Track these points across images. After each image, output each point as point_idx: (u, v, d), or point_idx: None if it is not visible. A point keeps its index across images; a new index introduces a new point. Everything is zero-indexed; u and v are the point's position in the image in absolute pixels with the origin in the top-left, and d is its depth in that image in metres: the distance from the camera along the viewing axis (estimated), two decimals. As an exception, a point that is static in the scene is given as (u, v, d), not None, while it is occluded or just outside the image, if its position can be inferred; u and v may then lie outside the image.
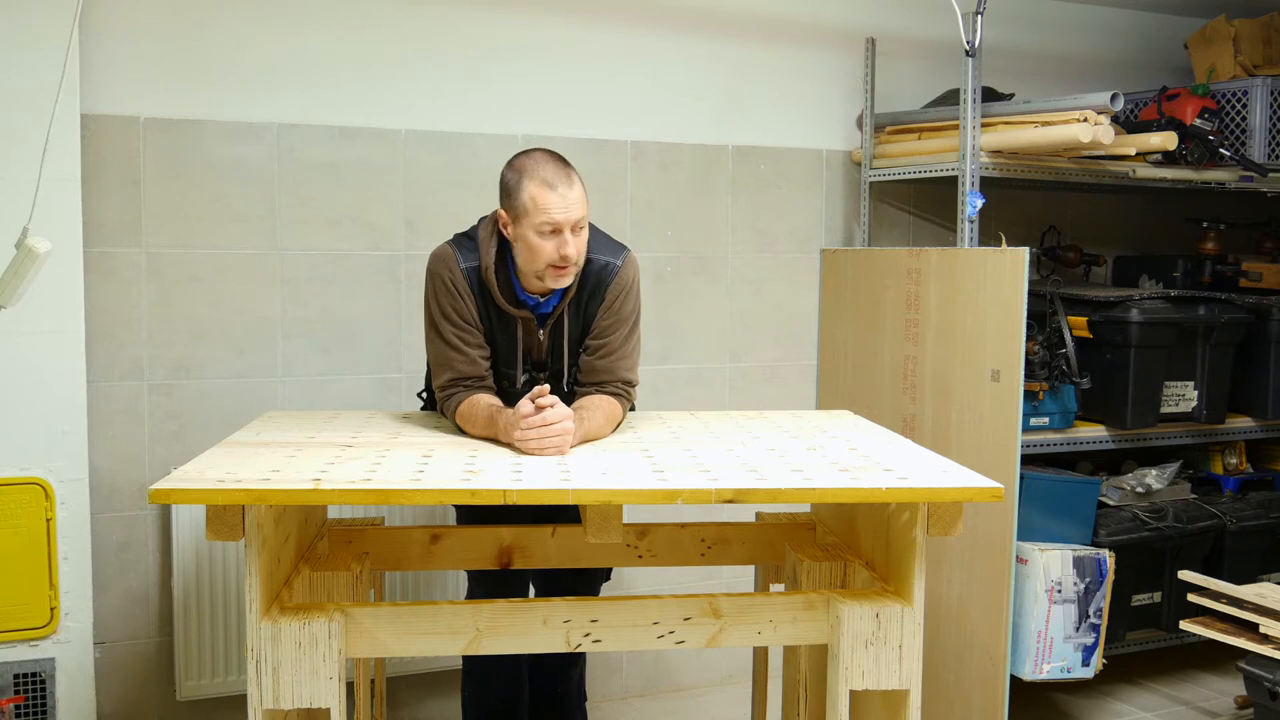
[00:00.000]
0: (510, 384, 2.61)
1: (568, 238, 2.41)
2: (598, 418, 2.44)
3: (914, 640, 2.05)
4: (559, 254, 2.41)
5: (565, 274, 2.46)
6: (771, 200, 3.84)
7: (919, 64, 3.96)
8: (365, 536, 2.55)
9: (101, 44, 3.04)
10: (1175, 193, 3.83)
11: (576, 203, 2.42)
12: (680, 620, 2.08)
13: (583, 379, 2.61)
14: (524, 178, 2.43)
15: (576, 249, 2.44)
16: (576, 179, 2.46)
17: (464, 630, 2.03)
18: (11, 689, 2.92)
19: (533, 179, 2.42)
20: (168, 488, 1.87)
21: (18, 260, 2.40)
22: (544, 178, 2.41)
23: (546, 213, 2.39)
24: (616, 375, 2.60)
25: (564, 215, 2.40)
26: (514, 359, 2.60)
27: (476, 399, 2.46)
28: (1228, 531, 3.68)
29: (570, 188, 2.42)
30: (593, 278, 2.59)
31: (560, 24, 3.51)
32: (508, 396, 2.53)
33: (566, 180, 2.43)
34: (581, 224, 2.45)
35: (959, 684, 3.09)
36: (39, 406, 2.93)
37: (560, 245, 2.41)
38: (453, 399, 2.50)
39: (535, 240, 2.42)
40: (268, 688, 1.93)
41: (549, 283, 2.48)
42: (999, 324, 2.94)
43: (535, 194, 2.40)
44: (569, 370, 2.64)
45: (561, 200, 2.40)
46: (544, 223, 2.40)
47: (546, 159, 2.47)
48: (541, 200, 2.40)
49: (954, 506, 2.03)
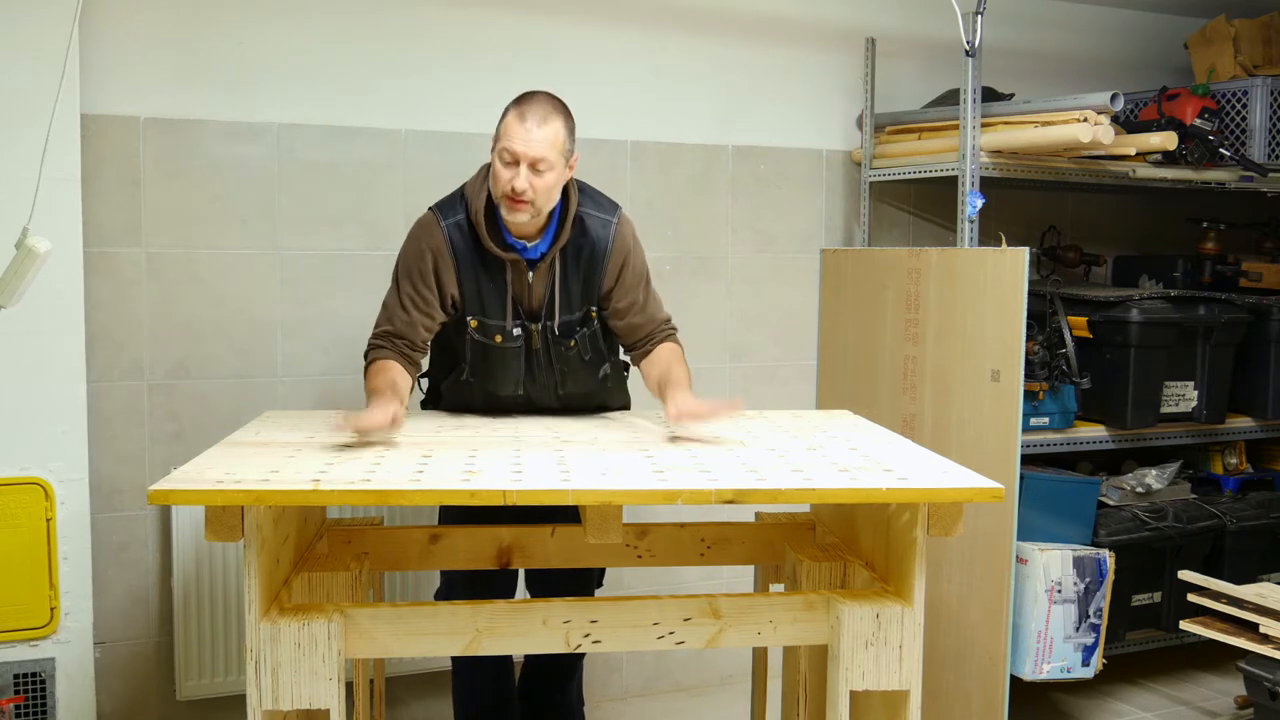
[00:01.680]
0: (503, 338, 2.63)
1: (521, 171, 2.45)
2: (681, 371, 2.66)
3: (914, 641, 2.05)
4: (510, 184, 2.46)
5: (519, 209, 2.49)
6: (771, 200, 3.84)
7: (919, 64, 3.96)
8: (364, 537, 2.55)
9: (101, 44, 3.04)
10: (1175, 193, 3.83)
11: (540, 141, 2.45)
12: (680, 621, 2.08)
13: (630, 340, 2.75)
14: (509, 107, 2.52)
15: (531, 186, 2.46)
16: (557, 124, 2.49)
17: (464, 631, 2.03)
18: (11, 689, 2.92)
19: (514, 108, 2.50)
20: (167, 488, 1.86)
21: (18, 260, 2.40)
22: (522, 109, 2.48)
23: (508, 139, 2.46)
24: (656, 322, 2.76)
25: (522, 147, 2.45)
26: (503, 309, 2.63)
27: (387, 365, 2.55)
28: (1228, 531, 3.68)
29: (540, 126, 2.46)
30: (590, 234, 2.64)
31: (560, 24, 3.51)
32: (501, 353, 2.62)
33: (540, 119, 2.47)
34: (541, 165, 2.46)
35: (959, 684, 3.09)
36: (39, 406, 2.93)
37: (513, 177, 2.45)
38: (376, 351, 2.60)
39: (497, 166, 2.49)
40: (267, 688, 1.93)
41: (504, 214, 2.52)
42: (999, 324, 2.94)
43: (507, 121, 2.49)
44: (563, 323, 2.67)
45: (525, 133, 2.45)
46: (504, 149, 2.47)
47: (539, 98, 2.52)
48: (509, 128, 2.47)
49: (954, 507, 2.03)
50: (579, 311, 2.69)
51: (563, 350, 2.69)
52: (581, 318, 2.70)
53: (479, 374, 2.70)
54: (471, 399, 2.75)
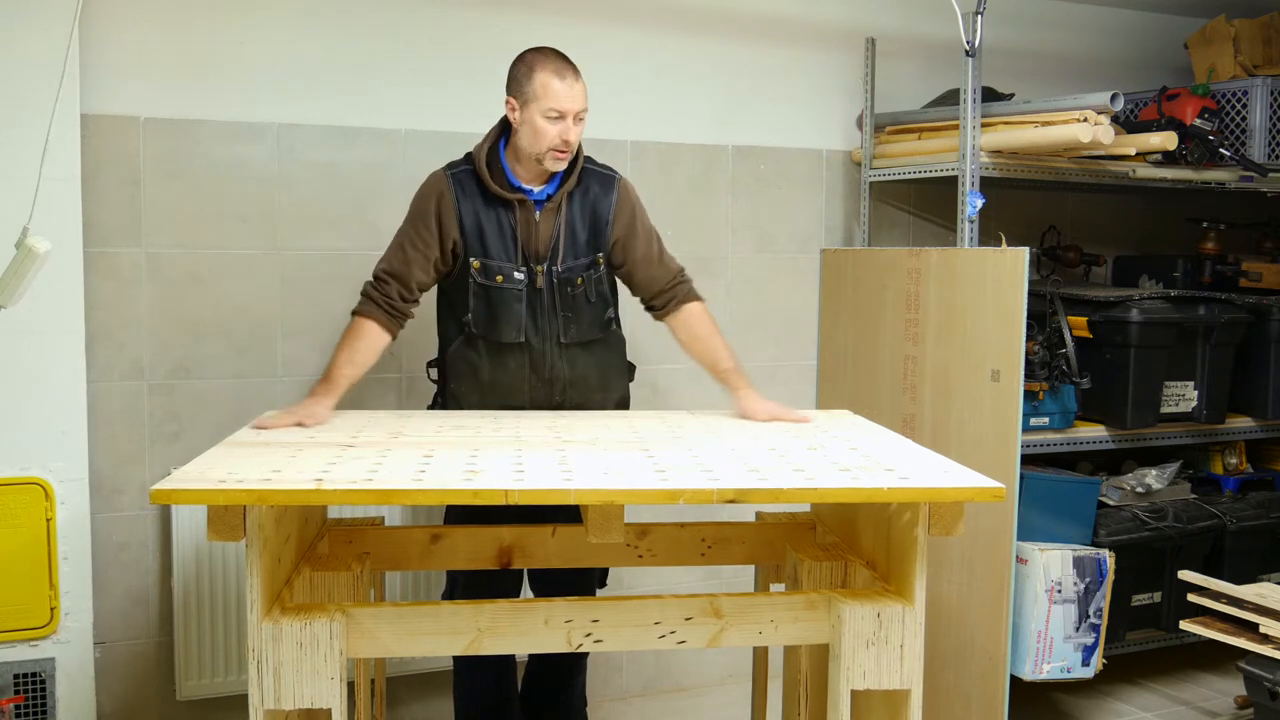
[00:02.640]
0: (504, 279, 2.75)
1: (569, 125, 2.68)
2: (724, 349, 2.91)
3: (915, 640, 2.05)
4: (561, 139, 2.68)
5: (563, 158, 2.71)
6: (771, 200, 3.84)
7: (919, 64, 3.96)
8: (365, 536, 2.55)
9: (101, 44, 3.03)
10: (1175, 193, 3.84)
11: (581, 95, 2.71)
12: (681, 620, 2.08)
13: (650, 292, 2.91)
14: (535, 68, 2.70)
15: (576, 136, 2.70)
16: (581, 78, 2.73)
17: (465, 630, 2.03)
18: (11, 689, 2.92)
19: (544, 69, 2.69)
20: (169, 488, 1.87)
21: (18, 260, 2.40)
22: (554, 68, 2.69)
23: (556, 98, 2.67)
24: (672, 272, 2.92)
25: (570, 104, 2.68)
26: (510, 251, 2.76)
27: (361, 328, 2.74)
28: (1228, 531, 3.68)
29: (577, 81, 2.70)
30: (595, 179, 2.84)
31: (560, 24, 3.51)
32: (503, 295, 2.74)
33: (574, 75, 2.71)
34: (582, 115, 2.71)
35: (959, 684, 3.09)
36: (39, 406, 2.93)
37: (564, 131, 2.68)
38: (364, 303, 2.76)
39: (542, 124, 2.68)
40: (269, 688, 1.93)
41: (548, 165, 2.72)
42: (999, 324, 2.94)
43: (546, 81, 2.67)
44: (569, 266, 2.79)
45: (569, 90, 2.68)
46: (551, 108, 2.67)
47: (555, 54, 2.73)
48: (552, 87, 2.67)
49: (955, 506, 2.03)
50: (585, 257, 2.81)
51: (568, 292, 2.79)
52: (588, 263, 2.82)
53: (481, 323, 2.77)
54: (477, 361, 2.80)
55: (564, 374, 2.81)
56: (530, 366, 2.79)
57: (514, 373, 2.79)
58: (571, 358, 2.82)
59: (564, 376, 2.82)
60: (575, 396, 2.84)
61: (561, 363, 2.81)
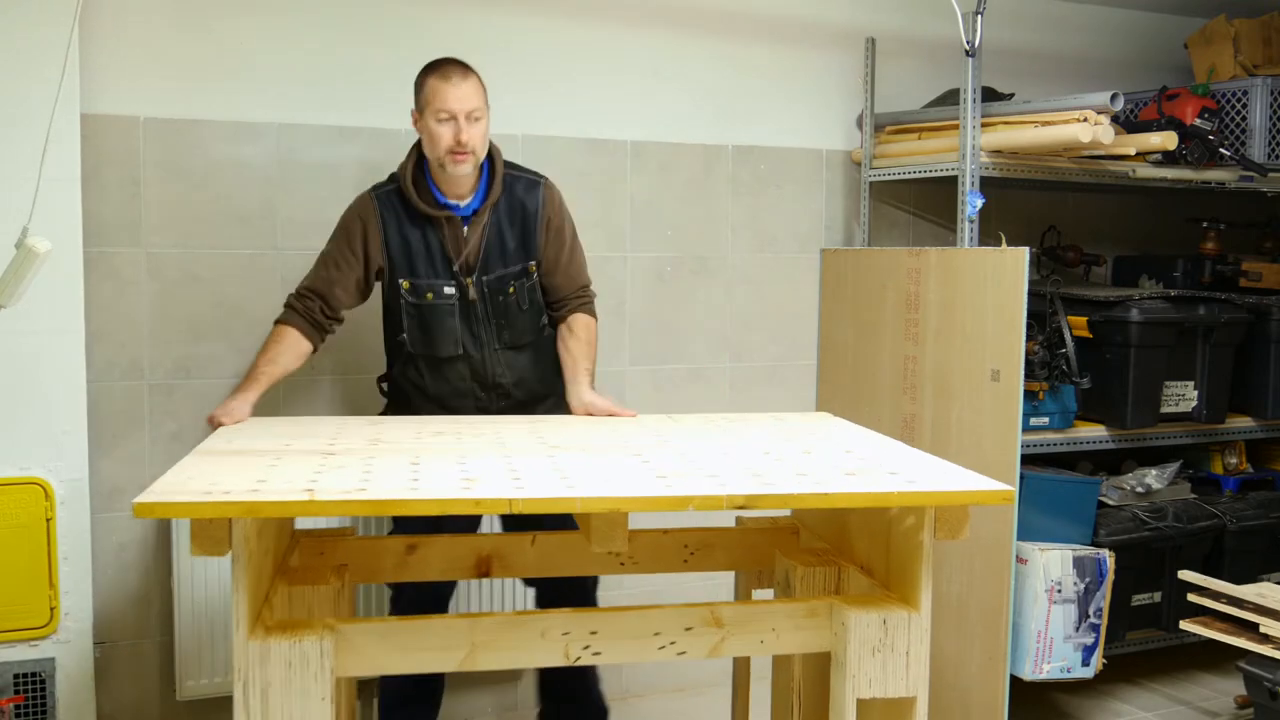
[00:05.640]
0: (435, 295, 2.79)
1: (462, 125, 2.70)
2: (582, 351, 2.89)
3: (921, 647, 2.02)
4: (455, 139, 2.69)
5: (462, 160, 2.72)
6: (771, 200, 3.83)
7: (919, 64, 3.96)
8: (338, 548, 2.47)
9: (101, 44, 3.03)
10: (1175, 193, 3.83)
11: (470, 94, 2.72)
12: (682, 630, 2.04)
13: (552, 299, 2.94)
14: (425, 75, 2.76)
15: (471, 136, 2.71)
16: (473, 77, 2.75)
17: (459, 645, 1.97)
18: (11, 689, 2.92)
19: (432, 74, 2.74)
20: (151, 501, 1.77)
21: (18, 260, 2.40)
22: (441, 73, 2.73)
23: (443, 99, 2.70)
24: (576, 283, 2.95)
25: (458, 104, 2.70)
26: (439, 267, 2.80)
27: (282, 333, 2.81)
28: (1228, 531, 3.68)
29: (464, 81, 2.72)
30: (520, 188, 2.86)
31: (560, 24, 3.50)
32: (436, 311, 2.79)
33: (461, 75, 2.73)
34: (475, 115, 2.72)
35: (959, 684, 3.09)
36: (39, 406, 2.92)
37: (457, 131, 2.69)
38: (286, 312, 2.84)
39: (435, 127, 2.71)
40: (256, 709, 1.84)
41: (449, 169, 2.73)
42: (999, 324, 2.94)
43: (433, 85, 2.72)
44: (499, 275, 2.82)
45: (455, 89, 2.70)
46: (439, 109, 2.70)
47: (446, 60, 2.77)
48: (438, 90, 2.71)
49: (961, 510, 2.00)
50: (516, 264, 2.85)
51: (500, 300, 2.82)
52: (520, 270, 2.86)
53: (418, 341, 2.82)
54: (419, 380, 2.85)
55: (507, 377, 2.88)
56: (473, 376, 2.86)
57: (457, 384, 2.86)
58: (510, 360, 2.88)
59: (507, 379, 2.88)
60: (520, 395, 2.91)
61: (501, 367, 2.87)
